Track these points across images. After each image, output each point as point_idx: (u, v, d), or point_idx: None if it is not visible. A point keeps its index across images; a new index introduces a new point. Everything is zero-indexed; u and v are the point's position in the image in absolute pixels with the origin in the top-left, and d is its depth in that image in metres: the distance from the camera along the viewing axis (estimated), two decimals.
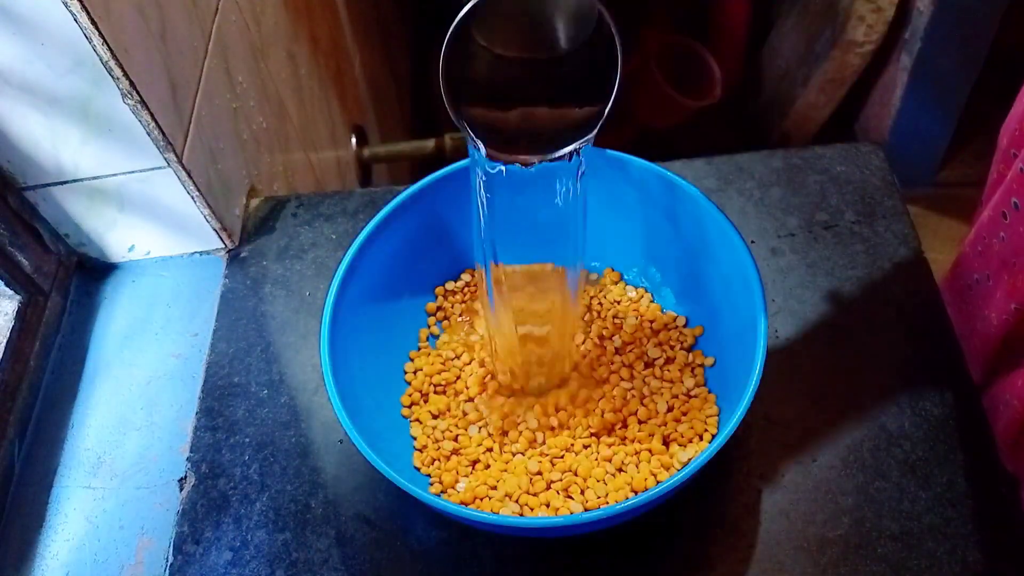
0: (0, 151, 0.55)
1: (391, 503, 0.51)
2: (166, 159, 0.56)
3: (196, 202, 0.60)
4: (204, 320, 0.61)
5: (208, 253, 0.65)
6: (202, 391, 0.57)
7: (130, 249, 0.64)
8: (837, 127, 1.50)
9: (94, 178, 0.58)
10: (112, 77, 0.51)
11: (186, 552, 0.51)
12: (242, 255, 0.65)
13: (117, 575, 0.51)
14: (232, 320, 0.61)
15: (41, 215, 0.60)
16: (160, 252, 0.65)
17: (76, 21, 0.47)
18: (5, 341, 0.57)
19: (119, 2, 0.50)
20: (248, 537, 0.51)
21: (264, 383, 0.57)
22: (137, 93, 0.52)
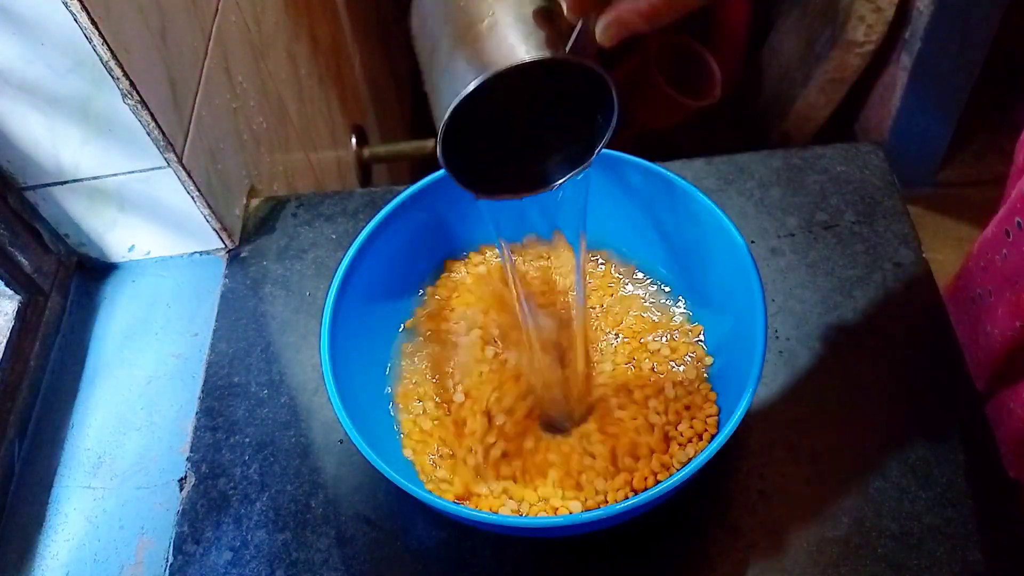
0: (0, 151, 0.55)
1: (391, 503, 0.51)
2: (166, 159, 0.56)
3: (196, 202, 0.60)
4: (204, 320, 0.61)
5: (208, 253, 0.65)
6: (202, 391, 0.57)
7: (130, 249, 0.64)
8: (837, 127, 1.50)
9: (94, 178, 0.58)
10: (112, 77, 0.51)
11: (186, 552, 0.51)
12: (242, 255, 0.65)
13: (117, 575, 0.51)
14: (232, 320, 0.61)
15: (41, 215, 0.60)
16: (160, 252, 0.65)
17: (76, 21, 0.47)
18: (5, 341, 0.57)
19: (119, 2, 0.50)
20: (248, 537, 0.51)
21: (264, 383, 0.57)
22: (137, 93, 0.52)
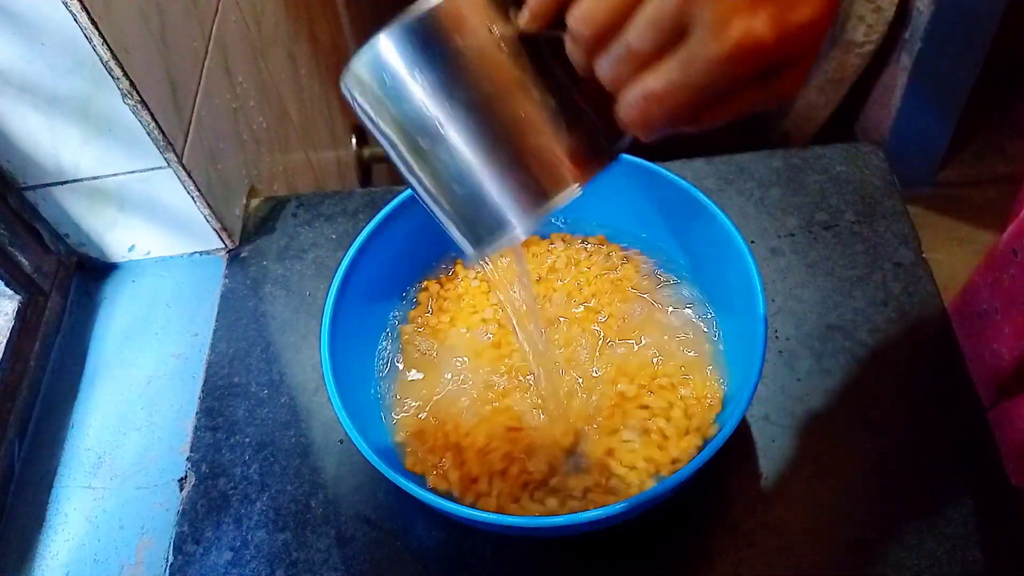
0: (0, 151, 0.55)
1: (391, 503, 0.51)
2: (166, 159, 0.56)
3: (196, 202, 0.60)
4: (204, 320, 0.61)
5: (208, 253, 0.65)
6: (202, 391, 0.57)
7: (130, 249, 0.64)
8: (837, 127, 1.50)
9: (94, 178, 0.58)
10: (112, 77, 0.51)
11: (186, 552, 0.51)
12: (242, 255, 0.65)
13: (117, 575, 0.51)
14: (232, 320, 0.61)
15: (41, 215, 0.60)
16: (160, 252, 0.65)
17: (76, 21, 0.47)
18: (5, 341, 0.57)
19: (119, 2, 0.51)
20: (248, 537, 0.51)
21: (264, 383, 0.57)
22: (137, 93, 0.52)
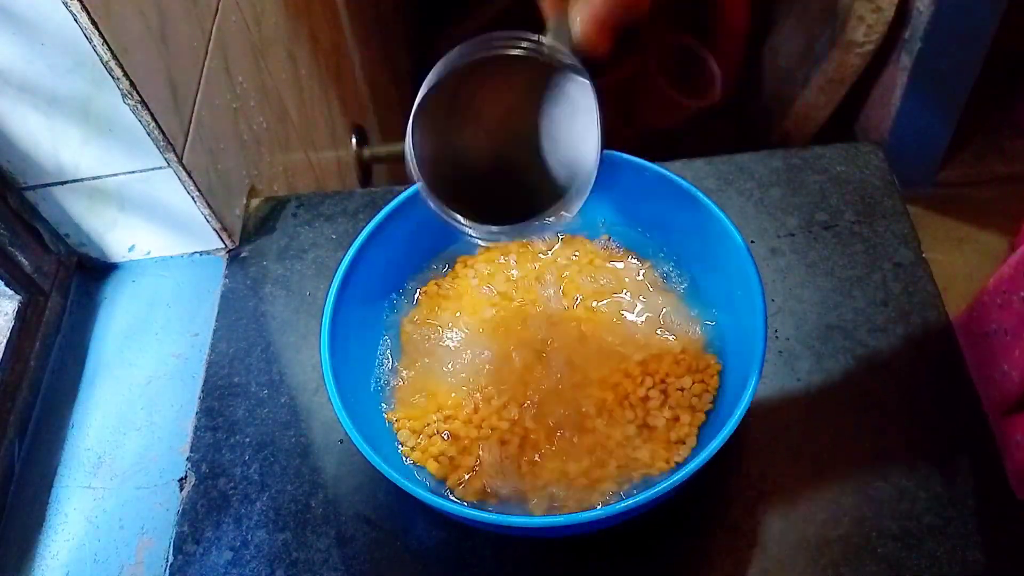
0: (0, 151, 0.55)
1: (391, 503, 0.51)
2: (166, 159, 0.56)
3: (196, 202, 0.60)
4: (204, 320, 0.61)
5: (208, 253, 0.65)
6: (202, 391, 0.57)
7: (130, 249, 0.64)
8: (837, 127, 1.50)
9: (94, 178, 0.58)
10: (112, 77, 0.51)
11: (186, 552, 0.51)
12: (242, 255, 0.65)
13: (117, 575, 0.51)
14: (232, 320, 0.61)
15: (41, 215, 0.60)
16: (160, 252, 0.65)
17: (76, 21, 0.47)
18: (5, 341, 0.57)
19: (119, 2, 0.51)
20: (248, 537, 0.51)
21: (264, 383, 0.57)
22: (137, 93, 0.52)
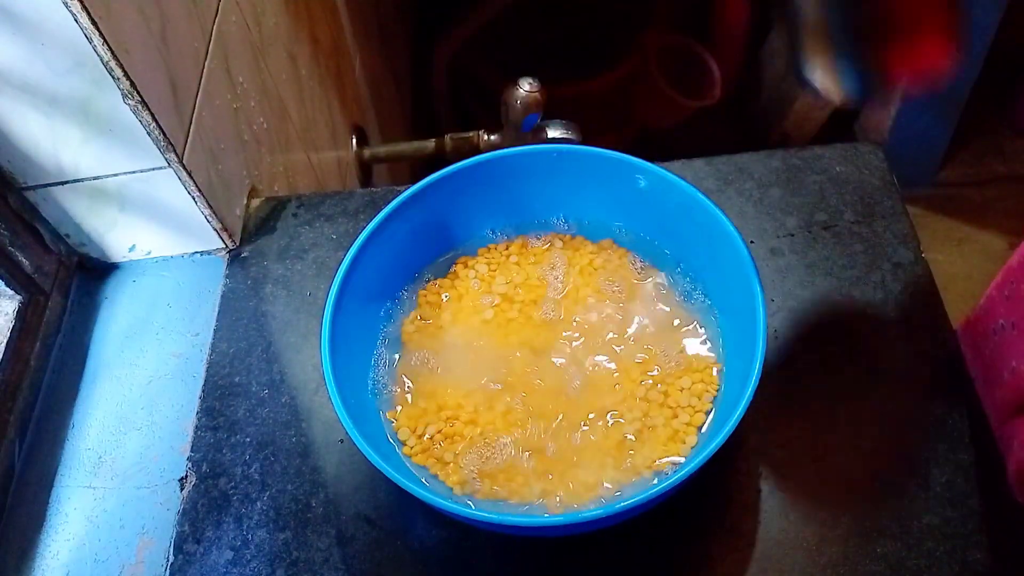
0: (0, 151, 0.55)
1: (392, 502, 0.51)
2: (167, 159, 0.56)
3: (197, 202, 0.60)
4: (205, 320, 0.61)
5: (209, 253, 0.65)
6: (203, 391, 0.57)
7: (131, 249, 0.64)
8: (837, 127, 1.50)
9: (95, 178, 0.58)
10: (112, 77, 0.51)
11: (187, 552, 0.51)
12: (243, 255, 0.65)
13: (117, 575, 0.51)
14: (233, 320, 0.61)
15: (41, 215, 0.60)
16: (161, 252, 0.65)
17: (76, 21, 0.48)
18: (5, 341, 0.57)
19: (119, 2, 0.51)
20: (249, 536, 0.51)
21: (265, 383, 0.57)
22: (138, 93, 0.52)
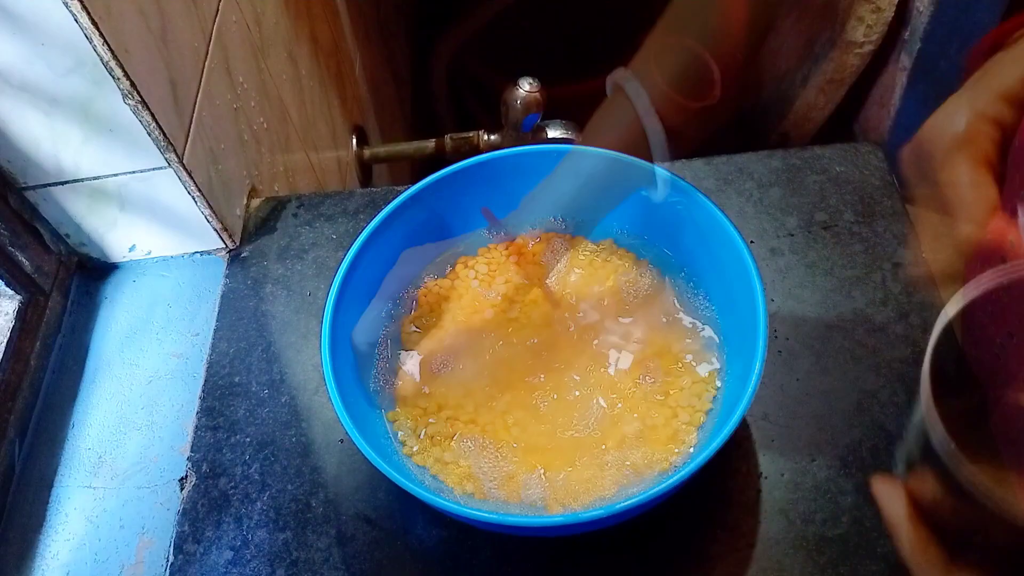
0: (0, 151, 0.55)
1: (392, 502, 0.51)
2: (167, 159, 0.56)
3: (197, 202, 0.60)
4: (205, 320, 0.61)
5: (209, 253, 0.65)
6: (203, 391, 0.57)
7: (131, 249, 0.65)
8: (836, 127, 1.50)
9: (95, 178, 0.58)
10: (113, 77, 0.51)
11: (187, 551, 0.51)
12: (243, 255, 0.65)
13: (117, 575, 0.51)
14: (233, 320, 0.61)
15: (41, 215, 0.60)
16: (161, 252, 0.65)
17: (77, 21, 0.48)
18: (5, 341, 0.57)
19: (119, 2, 0.51)
20: (249, 536, 0.51)
21: (265, 383, 0.57)
22: (138, 93, 0.52)
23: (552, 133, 0.97)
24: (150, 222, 0.62)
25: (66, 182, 0.58)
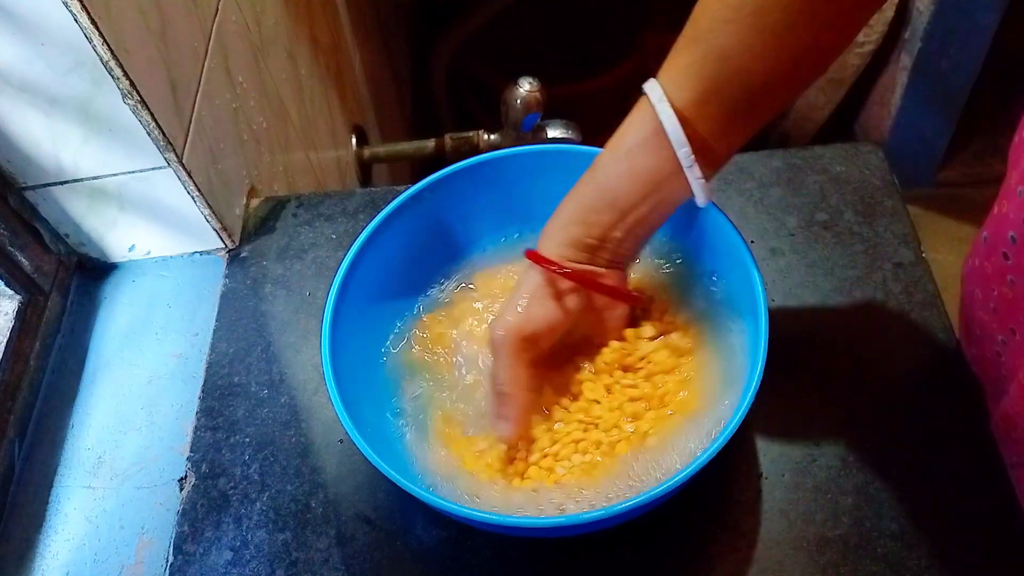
0: (0, 151, 0.55)
1: (391, 503, 0.51)
2: (166, 159, 0.56)
3: (196, 202, 0.60)
4: (204, 320, 0.61)
5: (208, 253, 0.65)
6: (202, 391, 0.57)
7: (130, 249, 0.64)
8: (837, 127, 1.50)
9: (94, 178, 0.58)
10: (112, 77, 0.51)
11: (186, 552, 0.51)
12: (242, 255, 0.65)
13: (117, 575, 0.51)
14: (232, 320, 0.61)
15: (41, 215, 0.60)
16: (160, 252, 0.65)
17: (76, 21, 0.48)
18: (5, 341, 0.57)
19: (119, 2, 0.51)
20: (248, 537, 0.51)
21: (264, 383, 0.57)
22: (137, 93, 0.52)
23: (552, 133, 0.97)
24: (150, 222, 0.62)
25: (66, 182, 0.58)
